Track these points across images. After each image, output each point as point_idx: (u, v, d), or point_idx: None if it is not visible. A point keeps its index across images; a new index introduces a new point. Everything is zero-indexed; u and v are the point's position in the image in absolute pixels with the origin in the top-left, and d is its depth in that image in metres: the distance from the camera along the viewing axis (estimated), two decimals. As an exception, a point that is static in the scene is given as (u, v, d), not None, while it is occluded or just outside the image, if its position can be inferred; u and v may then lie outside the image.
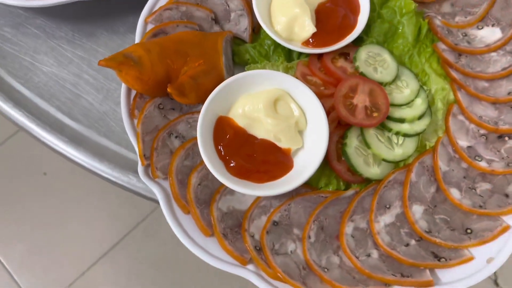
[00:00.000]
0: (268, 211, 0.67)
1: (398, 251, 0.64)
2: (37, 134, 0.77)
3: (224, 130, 0.68)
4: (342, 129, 0.70)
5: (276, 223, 0.66)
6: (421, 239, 0.65)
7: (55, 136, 0.76)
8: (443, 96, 0.73)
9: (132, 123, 0.70)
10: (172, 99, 0.72)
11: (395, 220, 0.66)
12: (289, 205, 0.67)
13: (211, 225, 0.65)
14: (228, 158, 0.67)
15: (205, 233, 0.64)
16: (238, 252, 0.63)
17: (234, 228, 0.66)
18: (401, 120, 0.69)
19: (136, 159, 0.69)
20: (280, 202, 0.67)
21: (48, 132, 0.76)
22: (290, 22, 0.74)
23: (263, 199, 0.67)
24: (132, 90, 0.71)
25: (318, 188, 0.69)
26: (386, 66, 0.73)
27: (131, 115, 0.70)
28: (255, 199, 0.67)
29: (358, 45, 0.75)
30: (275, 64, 0.74)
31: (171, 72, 0.69)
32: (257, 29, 0.78)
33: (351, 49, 0.74)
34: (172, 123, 0.70)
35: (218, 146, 0.67)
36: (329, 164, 0.69)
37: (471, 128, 0.71)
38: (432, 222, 0.66)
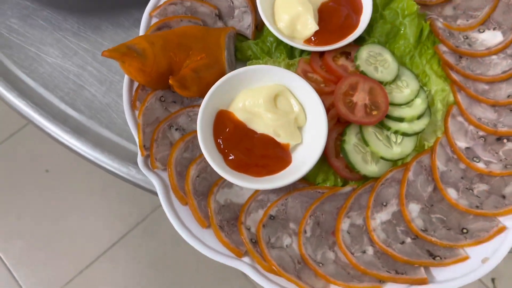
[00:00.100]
0: (265, 205, 0.67)
1: (393, 248, 0.64)
2: (40, 124, 0.77)
3: (224, 124, 0.68)
4: (341, 126, 0.70)
5: (273, 217, 0.66)
6: (416, 237, 0.65)
7: (58, 126, 0.77)
8: (443, 97, 0.74)
9: (133, 114, 0.70)
10: (174, 92, 0.73)
11: (392, 218, 0.66)
12: (286, 199, 0.67)
13: (208, 217, 0.65)
14: (227, 151, 0.67)
15: (202, 225, 0.65)
16: (234, 244, 0.64)
17: (231, 220, 0.66)
18: (400, 119, 0.70)
19: (136, 151, 0.70)
20: (278, 196, 0.67)
21: (51, 122, 0.77)
22: (293, 20, 0.74)
23: (260, 193, 0.68)
24: (135, 82, 0.72)
25: (315, 184, 0.69)
26: (387, 66, 0.73)
27: (133, 106, 0.71)
28: (252, 193, 0.68)
29: (360, 44, 0.76)
30: (276, 60, 0.75)
31: (174, 65, 0.69)
32: (260, 27, 0.79)
33: (353, 48, 0.75)
34: (173, 115, 0.71)
35: (217, 140, 0.68)
36: (327, 161, 0.69)
37: (470, 130, 0.72)
38: (428, 221, 0.66)
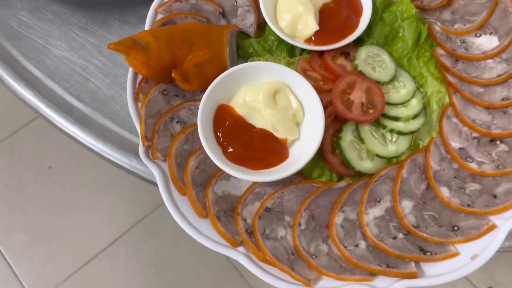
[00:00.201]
0: (262, 198, 0.69)
1: (385, 243, 0.65)
2: (46, 113, 0.80)
3: (224, 118, 0.70)
4: (338, 123, 0.72)
5: (269, 209, 0.68)
6: (408, 233, 0.66)
7: (63, 117, 0.79)
8: (438, 98, 0.75)
9: (136, 106, 0.73)
10: (176, 86, 0.75)
11: (385, 214, 0.68)
12: (282, 193, 0.69)
13: (205, 207, 0.67)
14: (226, 144, 0.69)
15: (199, 214, 0.67)
16: (230, 234, 0.65)
17: (228, 211, 0.68)
18: (396, 118, 0.72)
19: (138, 143, 0.72)
20: (274, 189, 0.69)
21: (56, 113, 0.79)
22: (294, 19, 0.77)
23: (257, 186, 0.69)
24: (139, 75, 0.74)
25: (311, 178, 0.71)
26: (385, 67, 0.75)
27: (136, 98, 0.73)
28: (249, 186, 0.70)
29: (359, 45, 0.78)
30: (277, 58, 0.77)
31: (177, 59, 0.72)
32: (262, 26, 0.81)
33: (352, 49, 0.77)
34: (174, 108, 0.73)
35: (217, 133, 0.70)
36: (323, 156, 0.71)
37: (464, 131, 0.73)
38: (420, 218, 0.67)
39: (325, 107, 0.71)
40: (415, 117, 0.72)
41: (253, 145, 0.69)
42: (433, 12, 0.81)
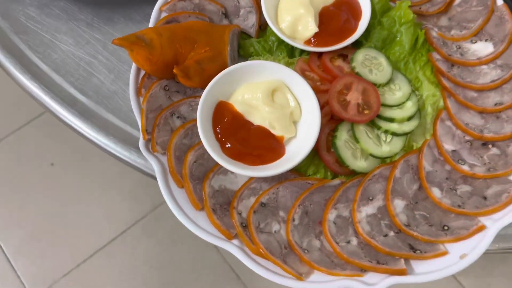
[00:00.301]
0: (257, 193, 0.71)
1: (376, 240, 0.67)
2: (50, 106, 0.82)
3: (223, 114, 0.72)
4: (334, 123, 0.74)
5: (264, 204, 0.69)
6: (399, 231, 0.68)
7: (67, 109, 0.81)
8: (433, 102, 0.77)
9: (138, 100, 0.75)
10: (178, 82, 0.77)
11: (377, 212, 0.69)
12: (278, 188, 0.70)
13: (202, 200, 0.69)
14: (224, 140, 0.71)
15: (195, 207, 0.68)
16: (225, 227, 0.67)
17: (224, 205, 0.70)
18: (390, 120, 0.73)
19: (138, 136, 0.74)
20: (270, 185, 0.71)
21: (60, 105, 0.81)
22: (295, 21, 0.78)
23: (253, 181, 0.71)
24: (141, 71, 0.77)
25: (306, 176, 0.72)
26: (381, 69, 0.77)
27: (138, 93, 0.75)
28: (246, 181, 0.71)
29: (357, 48, 0.79)
30: (277, 58, 0.79)
31: (179, 56, 0.74)
32: (263, 26, 0.83)
33: (350, 51, 0.79)
34: (175, 104, 0.75)
35: (216, 128, 0.71)
36: (318, 154, 0.72)
37: (457, 134, 0.75)
38: (411, 217, 0.69)
39: (322, 107, 0.73)
40: (409, 119, 0.74)
41: (250, 141, 0.71)
42: (431, 18, 0.83)
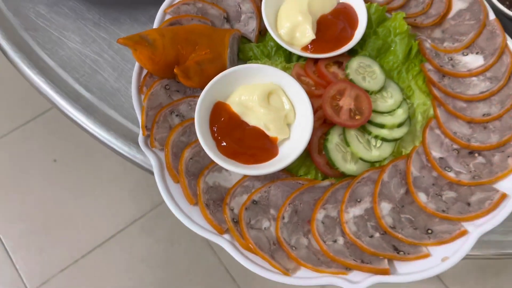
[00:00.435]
0: (250, 191, 0.73)
1: (362, 240, 0.69)
2: (55, 100, 0.85)
3: (220, 114, 0.75)
4: (327, 127, 0.76)
5: (256, 202, 0.72)
6: (385, 233, 0.70)
7: (71, 104, 0.84)
8: (423, 110, 0.80)
9: (139, 97, 0.78)
10: (178, 82, 0.80)
11: (364, 214, 0.72)
12: (269, 187, 0.73)
13: (196, 195, 0.71)
14: (220, 138, 0.74)
15: (189, 201, 0.71)
16: (217, 222, 0.70)
17: (217, 201, 0.72)
18: (381, 126, 0.76)
19: (138, 133, 0.77)
20: (262, 184, 0.74)
21: (65, 100, 0.84)
22: (293, 28, 0.82)
23: (246, 180, 0.74)
24: (144, 69, 0.80)
25: (297, 176, 0.75)
26: (375, 77, 0.80)
27: (140, 90, 0.78)
28: (239, 179, 0.74)
29: (352, 56, 0.83)
30: (274, 63, 0.82)
31: (180, 57, 0.77)
32: (263, 32, 0.86)
33: (345, 59, 0.82)
34: (175, 102, 0.78)
35: (212, 127, 0.74)
36: (310, 156, 0.75)
37: (446, 142, 0.77)
38: (397, 220, 0.71)
39: (315, 111, 0.75)
40: (399, 125, 0.77)
41: (245, 141, 0.74)
42: (425, 30, 0.86)
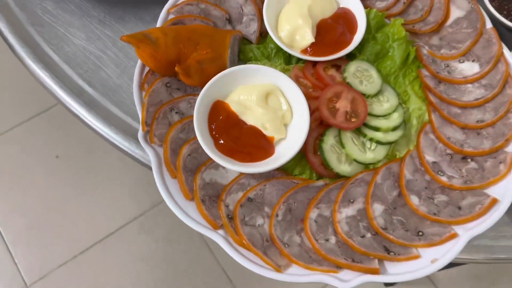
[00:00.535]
0: (245, 189, 0.75)
1: (353, 240, 0.71)
2: (58, 94, 0.87)
3: (218, 112, 0.77)
4: (323, 128, 0.78)
5: (251, 200, 0.74)
6: (376, 234, 0.72)
7: (74, 99, 0.86)
8: (419, 115, 0.81)
9: (140, 94, 0.79)
10: (179, 80, 0.81)
11: (356, 214, 0.73)
12: (265, 185, 0.75)
13: (192, 191, 0.73)
14: (218, 136, 0.75)
15: (186, 196, 0.73)
16: (212, 217, 0.71)
17: (212, 197, 0.74)
18: (376, 129, 0.77)
19: (138, 128, 0.78)
20: (257, 182, 0.75)
21: (68, 94, 0.86)
22: (293, 31, 0.83)
23: (242, 177, 0.75)
24: (146, 67, 0.82)
25: (292, 175, 0.77)
26: (372, 81, 0.81)
27: (141, 87, 0.80)
28: (235, 176, 0.76)
29: (350, 60, 0.84)
30: (274, 64, 0.84)
31: (182, 56, 0.79)
32: (264, 34, 0.88)
33: (343, 62, 0.84)
34: (175, 100, 0.80)
35: (211, 125, 0.76)
36: (305, 156, 0.77)
37: (439, 147, 0.79)
38: (389, 221, 0.73)
39: (312, 112, 0.77)
40: (394, 129, 0.78)
41: (242, 139, 0.75)
42: (423, 37, 0.88)
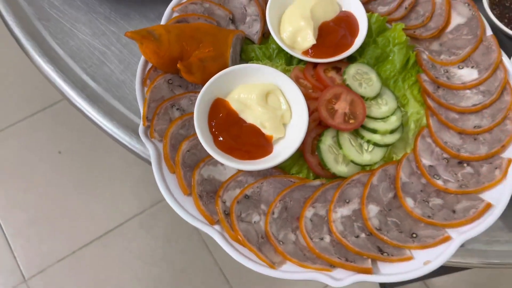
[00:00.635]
0: (243, 186, 0.76)
1: (348, 239, 0.71)
2: (62, 88, 0.88)
3: (218, 110, 0.78)
4: (321, 128, 0.79)
5: (248, 197, 0.75)
6: (370, 234, 0.73)
7: (77, 93, 0.88)
8: (417, 119, 0.82)
9: (142, 89, 0.81)
10: (181, 77, 0.83)
11: (351, 214, 0.74)
12: (262, 183, 0.75)
13: (190, 186, 0.74)
14: (218, 133, 0.76)
15: (184, 191, 0.74)
16: (208, 213, 0.72)
17: (210, 193, 0.75)
18: (374, 131, 0.78)
19: (139, 124, 0.80)
20: (255, 179, 0.76)
21: (72, 88, 0.88)
22: (295, 32, 0.84)
23: (240, 175, 0.76)
24: (149, 63, 0.83)
25: (290, 174, 0.78)
26: (371, 84, 0.82)
27: (143, 83, 0.81)
28: (233, 174, 0.77)
29: (351, 62, 0.85)
30: (275, 64, 0.85)
31: (184, 53, 0.80)
32: (266, 34, 0.89)
33: (343, 65, 0.85)
34: (176, 97, 0.81)
35: (211, 122, 0.77)
36: (303, 156, 0.78)
37: (436, 151, 0.80)
38: (384, 222, 0.73)
39: (311, 112, 0.78)
40: (392, 132, 0.79)
41: (241, 137, 0.76)
42: (423, 42, 0.89)
